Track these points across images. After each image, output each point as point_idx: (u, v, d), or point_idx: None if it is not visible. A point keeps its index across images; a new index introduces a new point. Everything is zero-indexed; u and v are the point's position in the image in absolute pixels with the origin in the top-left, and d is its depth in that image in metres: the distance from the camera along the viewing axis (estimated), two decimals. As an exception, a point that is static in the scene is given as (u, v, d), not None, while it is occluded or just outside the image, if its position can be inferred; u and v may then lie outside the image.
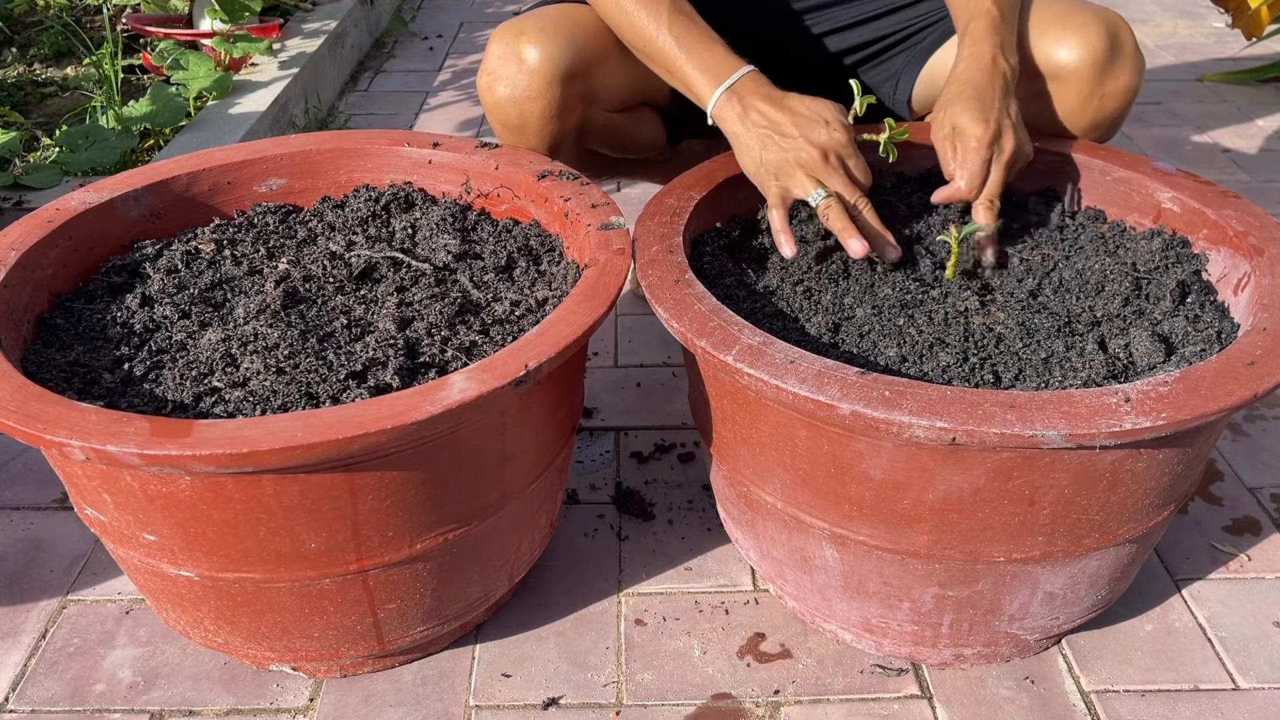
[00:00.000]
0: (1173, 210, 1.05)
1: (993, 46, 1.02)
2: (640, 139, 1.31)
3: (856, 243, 0.96)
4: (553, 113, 1.15)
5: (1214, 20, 2.79)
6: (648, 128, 1.31)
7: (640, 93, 1.27)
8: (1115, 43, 1.07)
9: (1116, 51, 1.07)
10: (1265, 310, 0.87)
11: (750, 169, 1.03)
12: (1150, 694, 0.96)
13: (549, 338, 0.84)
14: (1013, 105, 1.01)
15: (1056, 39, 1.08)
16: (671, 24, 1.06)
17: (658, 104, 1.31)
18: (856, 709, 0.95)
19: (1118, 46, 1.07)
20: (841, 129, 0.99)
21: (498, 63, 1.13)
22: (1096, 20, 1.07)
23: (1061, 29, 1.08)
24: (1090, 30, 1.06)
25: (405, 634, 0.94)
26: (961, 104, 0.99)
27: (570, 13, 1.16)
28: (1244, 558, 1.12)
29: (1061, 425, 0.74)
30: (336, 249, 1.05)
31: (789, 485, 0.90)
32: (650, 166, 1.50)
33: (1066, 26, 1.08)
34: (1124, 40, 1.08)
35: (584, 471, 1.25)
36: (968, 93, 1.00)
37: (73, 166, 1.93)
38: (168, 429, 0.74)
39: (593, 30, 1.15)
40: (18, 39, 2.61)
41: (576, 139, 1.22)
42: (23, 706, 0.96)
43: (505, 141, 1.18)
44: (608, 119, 1.24)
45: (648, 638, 1.03)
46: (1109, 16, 1.08)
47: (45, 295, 0.99)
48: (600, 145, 1.28)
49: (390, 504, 0.83)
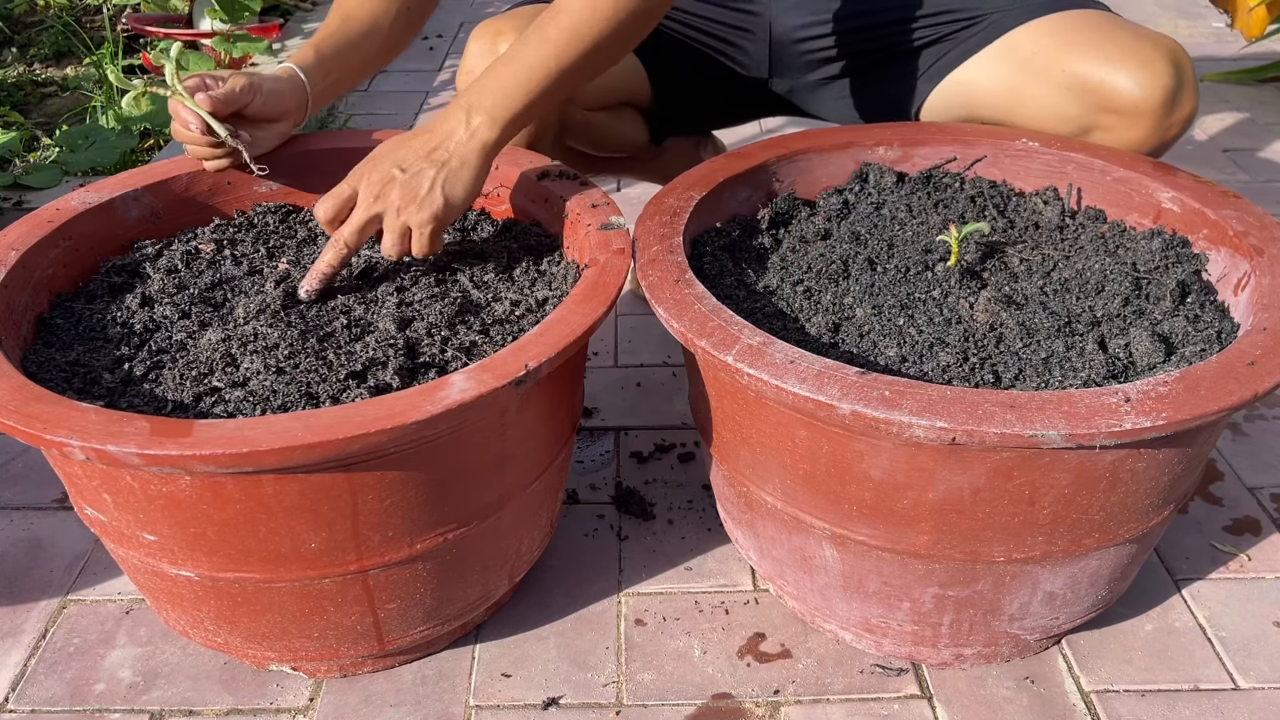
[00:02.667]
0: (1173, 210, 1.05)
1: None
2: (621, 138, 1.31)
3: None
4: None
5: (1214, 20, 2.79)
6: (628, 126, 1.31)
7: (619, 92, 1.27)
8: (1181, 77, 1.07)
9: (1182, 85, 1.07)
10: (1265, 310, 0.87)
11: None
12: (1150, 694, 0.96)
13: (549, 338, 0.84)
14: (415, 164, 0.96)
15: (1126, 76, 1.06)
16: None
17: (639, 103, 1.31)
18: (856, 709, 0.95)
19: (1183, 80, 1.07)
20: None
21: (476, 61, 1.15)
22: (1163, 56, 1.06)
23: (1129, 66, 1.06)
24: (1159, 67, 1.05)
25: (405, 634, 0.94)
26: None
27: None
28: (1244, 558, 1.12)
29: (1061, 425, 0.74)
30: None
31: (789, 485, 0.90)
32: (637, 165, 1.50)
33: (1134, 63, 1.06)
34: (1187, 72, 1.07)
35: (584, 471, 1.25)
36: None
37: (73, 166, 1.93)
38: (168, 429, 0.74)
39: None
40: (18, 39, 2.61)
41: (556, 137, 1.22)
42: (23, 706, 0.96)
43: None
44: (586, 117, 1.24)
45: (648, 638, 1.03)
46: (1172, 48, 1.07)
47: (45, 295, 0.99)
48: (580, 144, 1.28)
49: (390, 504, 0.83)
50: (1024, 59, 1.13)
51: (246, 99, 1.05)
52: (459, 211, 0.96)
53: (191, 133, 1.03)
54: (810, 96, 1.31)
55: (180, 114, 1.03)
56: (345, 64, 1.12)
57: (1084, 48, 1.09)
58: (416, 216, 0.94)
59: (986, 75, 1.17)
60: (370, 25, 1.13)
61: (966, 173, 1.17)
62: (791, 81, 1.30)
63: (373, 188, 0.94)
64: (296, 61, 1.09)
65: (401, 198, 0.94)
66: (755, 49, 1.27)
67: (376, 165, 0.95)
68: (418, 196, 0.93)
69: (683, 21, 1.28)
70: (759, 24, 1.26)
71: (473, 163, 0.95)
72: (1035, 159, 1.13)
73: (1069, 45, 1.10)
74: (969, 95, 1.18)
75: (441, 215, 0.95)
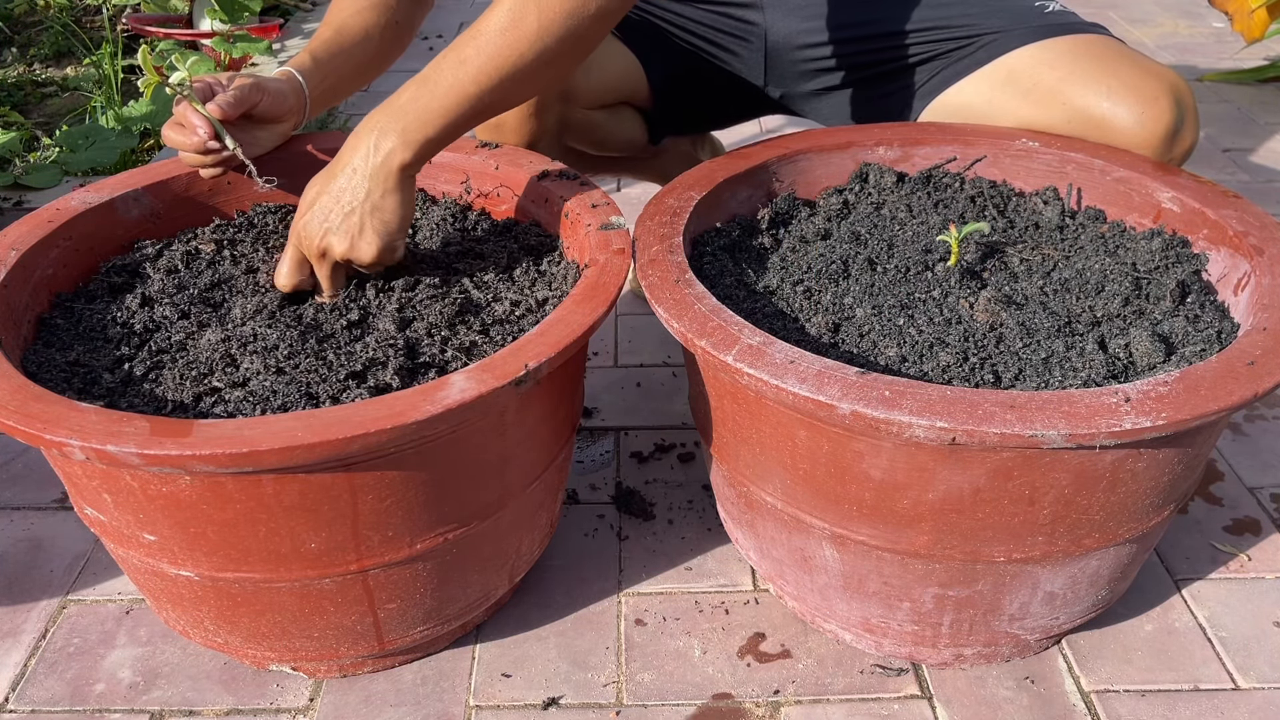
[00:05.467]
0: (1173, 210, 1.05)
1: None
2: (620, 137, 1.32)
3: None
4: (530, 111, 1.15)
5: (1214, 20, 2.79)
6: (627, 126, 1.32)
7: (618, 91, 1.27)
8: (1182, 111, 1.07)
9: (1183, 120, 1.07)
10: (1265, 310, 0.87)
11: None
12: (1150, 694, 0.96)
13: (549, 338, 0.84)
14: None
15: (1127, 111, 1.07)
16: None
17: (637, 103, 1.31)
18: (856, 709, 0.95)
19: (1184, 115, 1.07)
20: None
21: None
22: (1166, 91, 1.06)
23: (1130, 100, 1.07)
24: (1162, 104, 1.06)
25: (405, 634, 0.94)
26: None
27: None
28: (1244, 558, 1.12)
29: (1061, 425, 0.74)
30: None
31: (789, 485, 0.90)
32: (636, 165, 1.50)
33: (1136, 98, 1.07)
34: (1188, 106, 1.08)
35: (584, 471, 1.25)
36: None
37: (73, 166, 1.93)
38: (168, 429, 0.74)
39: None
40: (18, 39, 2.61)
41: (556, 137, 1.22)
42: (23, 706, 0.96)
43: (483, 139, 1.18)
44: (586, 117, 1.24)
45: (648, 638, 1.03)
46: (1174, 82, 1.07)
47: (45, 295, 0.99)
48: (580, 143, 1.29)
49: (390, 504, 0.83)
50: (1025, 88, 1.13)
51: (256, 99, 1.05)
52: (401, 233, 0.95)
53: (198, 139, 1.03)
54: (804, 105, 1.31)
55: (189, 119, 1.03)
56: (340, 70, 1.12)
57: (1085, 79, 1.09)
58: (366, 254, 0.94)
59: (985, 101, 1.16)
60: (363, 34, 1.13)
61: (966, 173, 1.17)
62: (786, 89, 1.30)
63: (314, 246, 0.94)
64: (295, 66, 1.10)
65: (344, 246, 0.93)
66: (751, 56, 1.28)
67: (308, 223, 0.94)
68: (354, 239, 0.93)
69: (680, 25, 1.28)
70: (755, 32, 1.26)
71: (393, 186, 0.93)
72: (1035, 159, 1.13)
73: (1070, 76, 1.10)
74: (963, 117, 1.19)
75: (384, 245, 0.94)
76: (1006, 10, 1.17)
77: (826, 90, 1.28)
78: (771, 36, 1.25)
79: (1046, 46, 1.12)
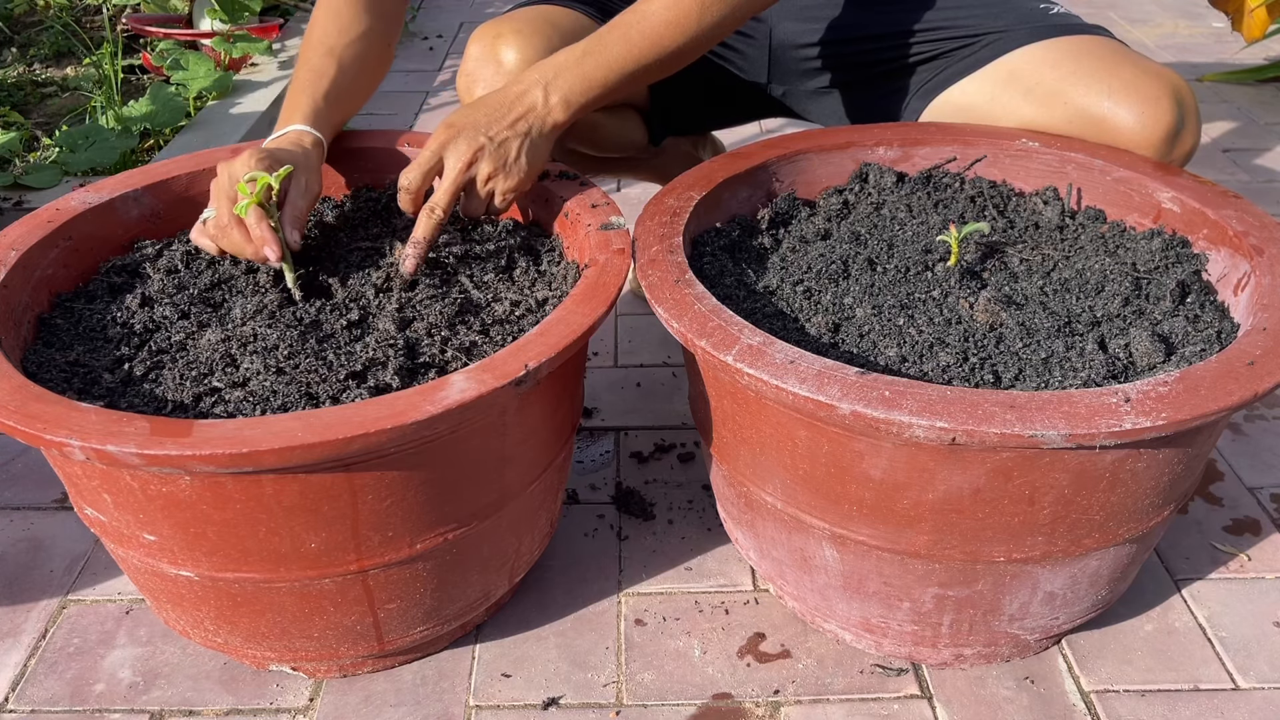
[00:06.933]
0: (1173, 210, 1.05)
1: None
2: (620, 138, 1.32)
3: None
4: None
5: (1214, 20, 2.79)
6: (628, 127, 1.32)
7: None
8: (1183, 113, 1.07)
9: (1184, 121, 1.07)
10: (1265, 310, 0.87)
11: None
12: (1150, 694, 0.96)
13: (549, 338, 0.84)
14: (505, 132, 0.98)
15: (1129, 111, 1.07)
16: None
17: (637, 104, 1.31)
18: (856, 709, 0.95)
19: (1185, 116, 1.07)
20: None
21: (476, 64, 1.15)
22: (1167, 93, 1.06)
23: (1131, 101, 1.07)
24: (1163, 104, 1.06)
25: (405, 634, 0.94)
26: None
27: (547, 15, 1.17)
28: (1244, 558, 1.12)
29: (1061, 425, 0.74)
30: (337, 249, 1.05)
31: (789, 485, 0.90)
32: (636, 165, 1.50)
33: (1137, 99, 1.07)
34: (1189, 107, 1.08)
35: (584, 471, 1.25)
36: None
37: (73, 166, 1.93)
38: (168, 429, 0.74)
39: (569, 32, 1.15)
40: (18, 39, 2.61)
41: None
42: (23, 706, 0.96)
43: None
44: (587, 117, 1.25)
45: (648, 638, 1.03)
46: (1175, 84, 1.07)
47: (45, 295, 0.99)
48: (580, 144, 1.29)
49: (390, 504, 0.83)
50: (1026, 88, 1.13)
51: (312, 203, 1.00)
52: (530, 182, 1.00)
53: (266, 256, 0.94)
54: (806, 104, 1.32)
55: (264, 234, 0.94)
56: (346, 110, 1.12)
57: (1087, 79, 1.09)
58: (504, 184, 0.98)
59: (986, 100, 1.17)
60: (359, 65, 1.11)
61: (966, 173, 1.17)
62: (788, 87, 1.30)
63: (462, 157, 0.97)
64: (309, 123, 1.05)
65: (491, 166, 0.97)
66: (755, 54, 1.28)
67: (462, 133, 0.97)
68: (506, 164, 0.97)
69: None
70: (760, 30, 1.26)
71: (548, 136, 1.00)
72: (1035, 159, 1.13)
73: (1072, 76, 1.10)
74: (965, 117, 1.19)
75: (524, 182, 0.99)
76: (1011, 11, 1.17)
77: (828, 89, 1.28)
78: (776, 35, 1.26)
79: (1048, 46, 1.12)
